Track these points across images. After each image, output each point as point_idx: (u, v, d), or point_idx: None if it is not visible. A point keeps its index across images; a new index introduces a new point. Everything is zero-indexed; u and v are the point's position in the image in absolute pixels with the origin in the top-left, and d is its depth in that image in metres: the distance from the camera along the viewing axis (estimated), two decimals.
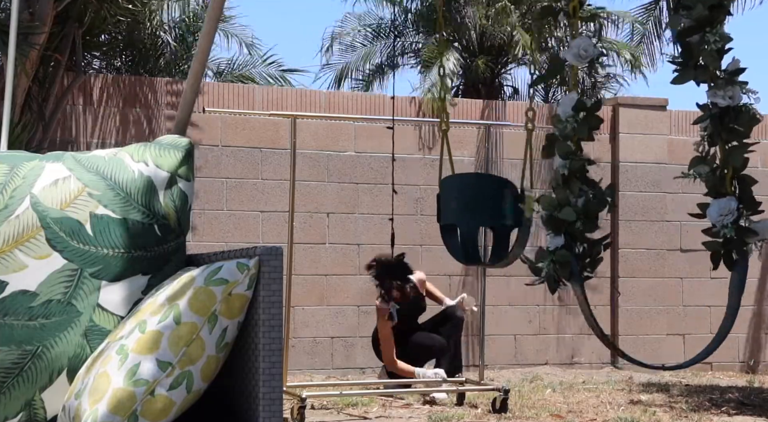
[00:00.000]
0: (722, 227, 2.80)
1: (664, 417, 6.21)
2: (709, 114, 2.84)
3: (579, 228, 2.94)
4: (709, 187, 2.87)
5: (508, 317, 8.69)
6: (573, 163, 2.95)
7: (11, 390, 2.67)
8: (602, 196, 2.96)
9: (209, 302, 2.52)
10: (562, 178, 2.97)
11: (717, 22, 2.82)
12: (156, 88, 8.13)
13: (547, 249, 2.97)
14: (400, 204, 8.44)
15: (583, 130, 2.97)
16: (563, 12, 3.08)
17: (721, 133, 2.83)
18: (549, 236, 3.00)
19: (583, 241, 2.96)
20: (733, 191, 2.85)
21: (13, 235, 2.73)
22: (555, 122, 3.02)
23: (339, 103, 8.46)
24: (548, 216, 2.98)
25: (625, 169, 8.93)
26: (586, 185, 2.97)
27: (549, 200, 2.98)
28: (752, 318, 9.26)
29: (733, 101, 2.81)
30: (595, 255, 2.99)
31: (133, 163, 2.88)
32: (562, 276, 2.95)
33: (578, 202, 2.94)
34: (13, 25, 4.31)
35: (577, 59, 2.99)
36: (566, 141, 2.98)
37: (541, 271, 2.96)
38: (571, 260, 2.92)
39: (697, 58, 2.85)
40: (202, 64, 3.53)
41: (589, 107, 3.00)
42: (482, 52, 13.23)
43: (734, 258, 2.85)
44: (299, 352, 8.11)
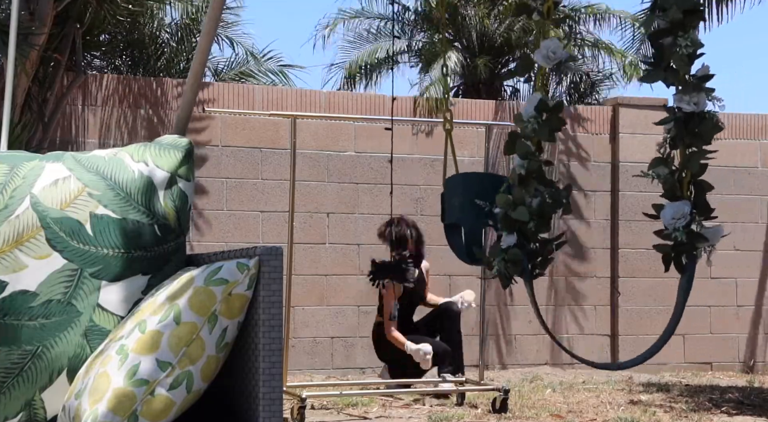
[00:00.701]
0: (674, 230, 2.81)
1: (664, 417, 6.21)
2: (674, 117, 2.85)
3: (531, 229, 2.96)
4: (666, 188, 2.89)
5: (508, 317, 8.69)
6: (531, 164, 2.98)
7: (11, 390, 2.67)
8: (558, 197, 2.98)
9: (209, 302, 2.52)
10: (519, 177, 2.99)
11: (690, 26, 2.83)
12: (156, 88, 8.13)
13: (500, 246, 3.00)
14: (400, 204, 8.44)
15: (543, 131, 2.99)
16: (537, 11, 3.09)
17: (684, 137, 2.84)
18: (503, 234, 3.03)
19: (535, 241, 2.98)
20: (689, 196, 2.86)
21: (13, 235, 2.73)
22: (516, 121, 3.04)
23: (339, 103, 8.46)
24: (503, 215, 3.01)
25: (625, 169, 8.93)
26: (543, 185, 2.99)
27: (504, 199, 3.01)
28: (752, 318, 9.26)
29: (697, 107, 2.83)
30: (546, 254, 3.01)
31: (133, 163, 2.88)
32: (514, 273, 2.98)
33: (533, 202, 2.97)
34: (13, 25, 4.31)
35: (546, 60, 3.01)
36: (526, 140, 3.00)
37: (494, 267, 3.00)
38: (523, 259, 2.95)
39: (668, 60, 2.86)
40: (202, 64, 3.52)
41: (551, 108, 3.01)
42: (482, 52, 13.23)
43: (684, 262, 2.86)
44: (299, 352, 8.11)
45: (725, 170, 9.09)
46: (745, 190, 9.22)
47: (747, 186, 9.24)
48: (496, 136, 8.69)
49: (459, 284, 8.43)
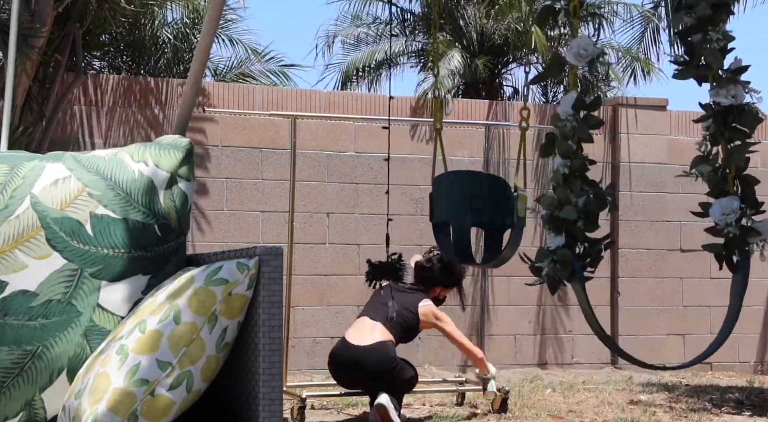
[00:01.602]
0: (726, 226, 2.79)
1: (664, 417, 6.21)
2: (712, 113, 2.83)
3: (580, 228, 2.92)
4: (711, 186, 2.86)
5: (508, 317, 8.69)
6: (574, 162, 2.94)
7: (11, 390, 2.67)
8: (602, 196, 2.95)
9: (209, 302, 2.52)
10: (563, 177, 2.96)
11: (719, 20, 2.82)
12: (157, 89, 8.13)
13: (548, 248, 2.96)
14: (400, 204, 8.44)
15: (583, 129, 2.96)
16: (564, 11, 3.07)
17: (724, 132, 2.82)
18: (549, 236, 2.98)
19: (584, 241, 2.94)
20: (735, 190, 2.84)
21: (13, 235, 2.73)
22: (555, 121, 3.01)
23: (339, 103, 8.46)
24: (549, 216, 2.97)
25: (625, 169, 8.93)
26: (586, 184, 2.96)
27: (550, 199, 2.97)
28: (753, 318, 9.26)
29: (736, 100, 2.81)
30: (596, 254, 2.97)
31: (133, 163, 2.88)
32: (563, 276, 2.93)
33: (579, 201, 2.93)
34: (13, 25, 4.31)
35: (577, 58, 2.99)
36: (566, 140, 2.97)
37: (542, 271, 2.94)
38: (573, 260, 2.90)
39: (699, 57, 2.85)
40: (203, 64, 3.53)
41: (588, 105, 2.99)
42: (482, 52, 13.23)
43: (736, 259, 2.84)
44: (299, 352, 8.11)
45: None
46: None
47: None
48: (495, 136, 8.69)
49: None
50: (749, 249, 2.82)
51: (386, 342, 5.64)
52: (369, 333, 5.67)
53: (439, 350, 8.34)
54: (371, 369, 5.53)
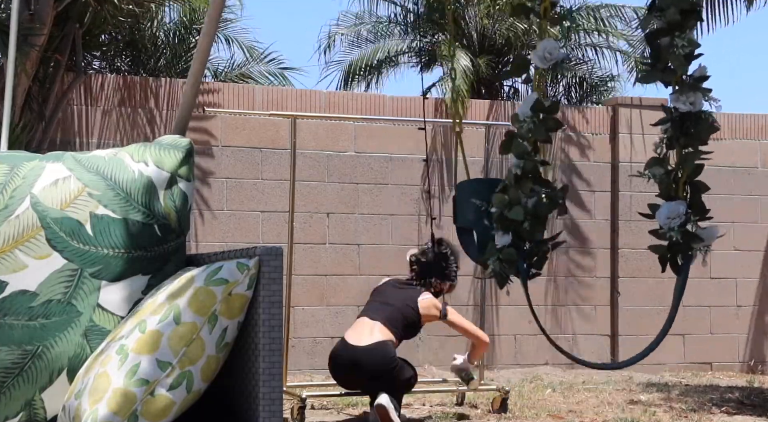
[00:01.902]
0: (669, 229, 2.82)
1: (664, 417, 6.21)
2: (670, 117, 2.86)
3: (526, 228, 2.96)
4: (661, 189, 2.89)
5: (508, 317, 8.69)
6: (527, 163, 2.98)
7: (11, 390, 2.67)
8: (555, 197, 2.98)
9: (209, 302, 2.52)
10: (515, 177, 3.00)
11: (687, 26, 2.83)
12: (157, 88, 8.13)
13: (495, 246, 3.01)
14: (400, 204, 8.44)
15: (539, 131, 2.99)
16: (534, 12, 3.09)
17: (680, 138, 2.84)
18: (497, 234, 3.03)
19: (530, 240, 2.99)
20: (684, 196, 2.87)
21: (13, 235, 2.73)
22: (513, 121, 3.04)
23: (339, 103, 8.46)
24: (498, 214, 3.02)
25: (625, 169, 8.93)
26: (539, 185, 2.99)
27: (500, 198, 3.01)
28: (752, 318, 9.25)
29: (693, 107, 2.83)
30: (541, 254, 3.01)
31: (133, 163, 2.88)
32: (510, 273, 2.98)
33: (529, 202, 2.97)
34: (13, 25, 4.31)
35: (542, 61, 3.01)
36: (523, 140, 3.00)
37: (489, 267, 3.00)
38: (517, 259, 2.95)
39: (665, 60, 2.87)
40: (203, 64, 3.52)
41: (547, 108, 3.01)
42: (482, 52, 13.23)
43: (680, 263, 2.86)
44: (299, 352, 8.11)
45: (725, 170, 9.09)
46: (745, 190, 9.22)
47: (747, 186, 9.24)
48: (495, 136, 8.69)
49: (459, 284, 8.43)
50: (692, 254, 2.84)
51: (386, 341, 5.62)
52: (368, 333, 5.65)
53: (439, 350, 8.34)
54: (370, 369, 5.52)
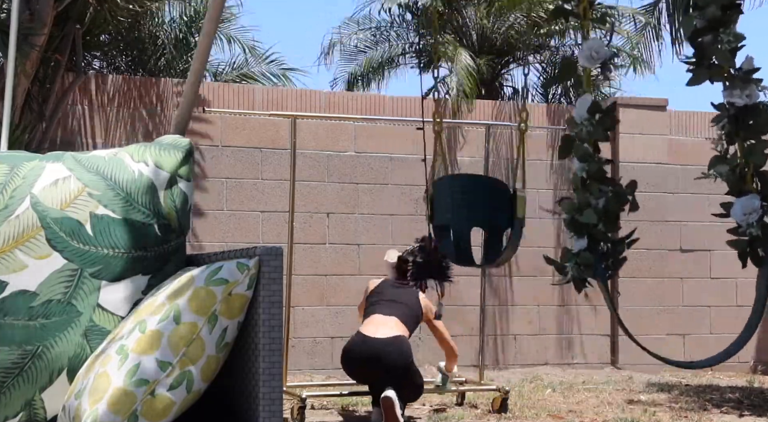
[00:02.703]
0: (747, 225, 2.80)
1: (664, 417, 6.21)
2: (727, 113, 2.84)
3: (601, 230, 2.95)
4: (730, 186, 2.88)
5: (508, 317, 8.69)
6: (591, 165, 2.97)
7: (11, 390, 2.67)
8: (622, 195, 2.97)
9: (209, 302, 2.52)
10: (581, 180, 2.98)
11: (730, 21, 2.83)
12: (157, 88, 8.13)
13: (571, 251, 2.99)
14: (400, 204, 8.44)
15: (598, 132, 2.98)
16: (573, 13, 3.08)
17: (739, 132, 2.83)
18: (572, 238, 3.01)
19: (606, 242, 2.97)
20: (755, 188, 2.85)
21: (13, 235, 2.73)
22: (570, 125, 3.03)
23: (339, 103, 8.46)
24: (570, 219, 3.00)
25: (625, 169, 8.93)
26: (604, 185, 2.98)
27: (570, 204, 3.00)
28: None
29: (750, 99, 2.82)
30: (618, 254, 3.00)
31: (133, 163, 2.88)
32: (587, 276, 2.97)
33: (599, 203, 2.96)
34: (13, 25, 4.31)
35: (589, 61, 3.00)
36: (582, 143, 2.99)
37: (567, 272, 2.98)
38: (595, 261, 2.93)
39: (709, 57, 2.86)
40: (203, 64, 3.53)
41: (603, 108, 3.01)
42: (482, 52, 13.23)
43: (761, 255, 2.85)
44: (299, 352, 8.11)
45: None
46: None
47: None
48: (495, 136, 8.68)
49: (459, 284, 8.43)
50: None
51: (403, 336, 5.66)
52: (385, 327, 5.66)
53: (439, 350, 8.34)
54: (388, 362, 5.52)
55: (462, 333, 8.47)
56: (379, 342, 5.57)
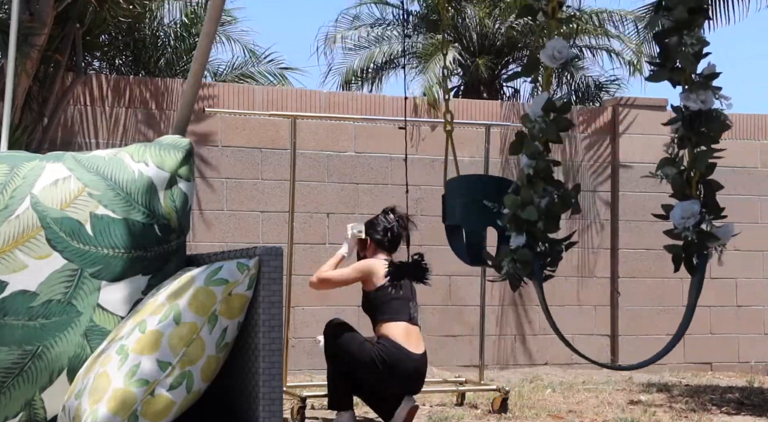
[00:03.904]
0: (684, 229, 2.82)
1: (664, 417, 6.21)
2: (681, 116, 2.86)
3: (540, 228, 2.96)
4: (674, 189, 2.90)
5: (508, 317, 8.69)
6: (539, 163, 2.98)
7: (11, 390, 2.67)
8: (567, 197, 2.98)
9: (209, 302, 2.52)
10: (527, 177, 3.00)
11: (695, 25, 2.84)
12: (156, 89, 8.13)
13: (509, 247, 3.00)
14: (400, 204, 8.44)
15: (551, 131, 2.99)
16: (542, 11, 3.09)
17: (691, 137, 2.84)
18: (511, 235, 3.02)
19: (544, 241, 2.98)
20: (698, 195, 2.87)
21: (13, 235, 2.73)
22: (524, 121, 3.04)
23: (339, 103, 8.46)
24: (511, 215, 3.01)
25: (625, 169, 8.93)
26: (551, 186, 2.99)
27: (512, 199, 3.02)
28: (752, 318, 9.26)
29: (704, 105, 2.83)
30: (555, 254, 3.00)
31: (134, 163, 2.88)
32: (523, 274, 2.97)
33: (542, 202, 2.97)
34: (13, 25, 4.31)
35: (551, 60, 3.01)
36: (534, 141, 3.01)
37: (503, 269, 2.99)
38: (532, 259, 2.94)
39: (674, 59, 2.87)
40: (202, 64, 3.53)
41: (558, 108, 3.01)
42: (482, 52, 13.24)
43: (694, 262, 2.86)
44: (299, 352, 8.11)
45: (725, 170, 9.08)
46: (745, 190, 9.22)
47: (747, 186, 9.24)
48: (496, 136, 8.69)
49: (459, 284, 8.45)
50: (707, 253, 2.84)
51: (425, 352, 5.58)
52: (419, 340, 5.49)
53: (439, 350, 8.34)
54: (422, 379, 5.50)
55: (462, 333, 8.48)
56: (421, 359, 5.44)
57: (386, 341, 5.36)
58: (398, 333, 5.41)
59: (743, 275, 9.08)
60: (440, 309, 8.46)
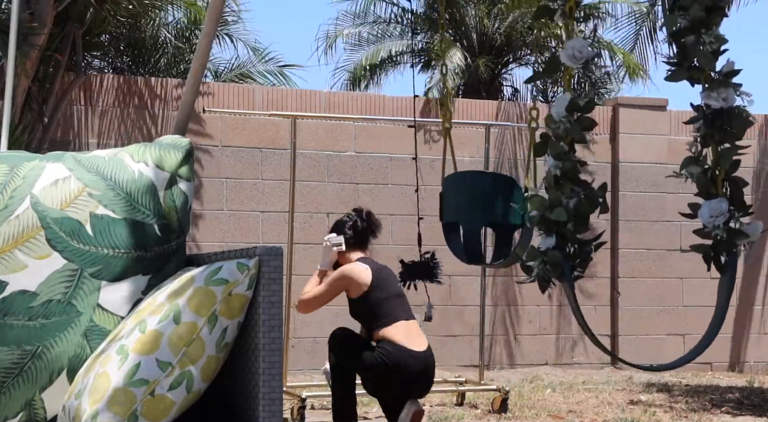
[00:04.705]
0: (714, 228, 2.81)
1: (664, 417, 6.21)
2: (703, 115, 2.85)
3: (570, 229, 2.94)
4: (700, 187, 2.88)
5: (508, 317, 8.69)
6: (565, 164, 2.96)
7: (11, 390, 2.67)
8: (594, 197, 2.96)
9: (209, 302, 2.52)
10: (554, 178, 2.98)
11: (713, 23, 2.83)
12: (157, 88, 8.13)
13: (538, 249, 2.98)
14: (400, 203, 8.44)
15: (576, 131, 2.97)
16: (560, 12, 3.08)
17: (714, 135, 2.83)
18: (540, 236, 3.00)
19: (574, 242, 2.97)
20: (724, 193, 2.86)
21: (13, 235, 2.73)
22: (548, 122, 3.02)
23: (339, 103, 8.46)
24: (540, 217, 2.99)
25: (625, 169, 8.93)
26: (578, 186, 2.97)
27: (540, 200, 2.99)
28: (751, 318, 9.25)
29: (726, 103, 2.82)
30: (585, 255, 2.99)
31: (134, 163, 2.88)
32: (553, 276, 2.95)
33: (570, 202, 2.95)
34: (13, 25, 4.31)
35: (572, 60, 3.00)
36: (559, 141, 2.99)
37: (532, 271, 2.97)
38: (562, 261, 2.92)
39: (691, 58, 2.86)
40: (202, 64, 3.53)
41: (582, 107, 3.00)
42: (482, 52, 13.24)
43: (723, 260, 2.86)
44: (299, 352, 8.11)
45: None
46: (745, 189, 9.22)
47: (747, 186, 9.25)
48: (496, 136, 8.69)
49: (459, 284, 8.44)
50: (737, 251, 2.84)
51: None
52: (419, 336, 5.06)
53: (439, 350, 8.34)
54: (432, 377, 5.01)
55: (462, 333, 8.48)
56: (427, 356, 4.99)
57: (386, 344, 5.03)
58: (397, 333, 5.07)
59: (743, 275, 9.09)
60: (440, 309, 8.45)
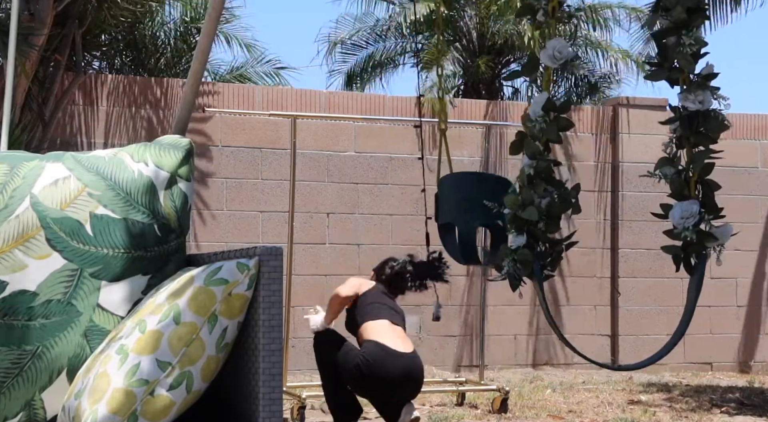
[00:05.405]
0: (683, 229, 2.82)
1: (664, 417, 6.21)
2: (679, 116, 2.85)
3: (541, 229, 2.95)
4: (673, 189, 2.89)
5: (508, 317, 8.69)
6: (539, 164, 2.97)
7: (11, 390, 2.67)
8: (567, 198, 2.97)
9: (209, 302, 2.52)
10: (528, 177, 2.99)
11: (694, 25, 2.83)
12: (157, 88, 8.13)
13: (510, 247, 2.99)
14: (400, 204, 8.44)
15: (551, 131, 2.98)
16: (542, 11, 3.08)
17: (689, 137, 2.84)
18: (512, 234, 3.01)
19: (545, 241, 2.98)
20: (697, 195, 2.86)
21: (13, 235, 2.73)
22: (524, 121, 3.03)
23: (339, 103, 8.46)
24: (512, 215, 3.00)
25: (626, 169, 8.93)
26: (551, 186, 2.98)
27: (513, 199, 3.01)
28: (752, 318, 9.25)
29: (703, 106, 2.83)
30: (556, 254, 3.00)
31: (133, 163, 2.88)
32: (523, 274, 2.97)
33: (542, 202, 2.96)
34: (13, 25, 4.31)
35: (551, 60, 3.01)
36: (534, 141, 3.00)
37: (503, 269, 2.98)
38: (532, 259, 2.94)
39: (672, 59, 2.87)
40: (202, 64, 3.53)
41: (558, 107, 3.00)
42: (482, 52, 13.23)
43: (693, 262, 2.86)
44: (299, 352, 8.11)
45: (725, 170, 9.07)
46: (745, 190, 9.22)
47: (747, 186, 9.24)
48: (495, 136, 8.69)
49: (459, 284, 8.44)
50: (706, 253, 2.84)
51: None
52: (403, 340, 4.92)
53: (439, 350, 8.34)
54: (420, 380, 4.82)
55: (462, 333, 8.48)
56: (410, 359, 4.82)
57: (369, 343, 4.90)
58: (380, 330, 4.93)
59: (743, 275, 9.08)
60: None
